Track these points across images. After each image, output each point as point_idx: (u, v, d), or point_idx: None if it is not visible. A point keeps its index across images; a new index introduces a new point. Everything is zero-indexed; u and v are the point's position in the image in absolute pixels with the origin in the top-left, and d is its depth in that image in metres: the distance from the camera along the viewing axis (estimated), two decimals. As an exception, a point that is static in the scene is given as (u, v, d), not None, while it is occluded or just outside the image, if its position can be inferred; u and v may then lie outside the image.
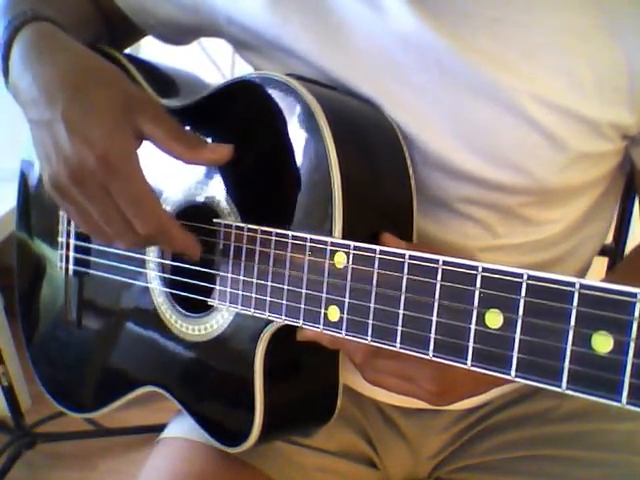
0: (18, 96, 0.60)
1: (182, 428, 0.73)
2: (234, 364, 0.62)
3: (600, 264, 0.94)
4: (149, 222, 0.54)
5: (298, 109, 0.56)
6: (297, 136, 0.56)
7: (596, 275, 0.82)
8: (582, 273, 0.76)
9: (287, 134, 0.57)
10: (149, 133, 0.56)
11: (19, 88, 0.59)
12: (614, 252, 0.96)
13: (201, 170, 0.65)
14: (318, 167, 0.54)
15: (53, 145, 0.54)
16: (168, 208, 0.67)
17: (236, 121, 0.63)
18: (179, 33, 0.78)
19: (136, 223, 0.54)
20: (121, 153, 0.53)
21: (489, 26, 0.59)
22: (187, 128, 0.67)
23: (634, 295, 0.35)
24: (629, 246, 0.96)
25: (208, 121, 0.66)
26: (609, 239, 0.95)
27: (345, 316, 0.51)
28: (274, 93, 0.58)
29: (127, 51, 0.85)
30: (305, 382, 0.66)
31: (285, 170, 0.57)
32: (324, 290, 0.52)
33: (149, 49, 1.05)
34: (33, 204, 0.86)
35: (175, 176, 0.66)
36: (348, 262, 0.50)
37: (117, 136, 0.53)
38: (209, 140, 0.65)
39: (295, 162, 0.56)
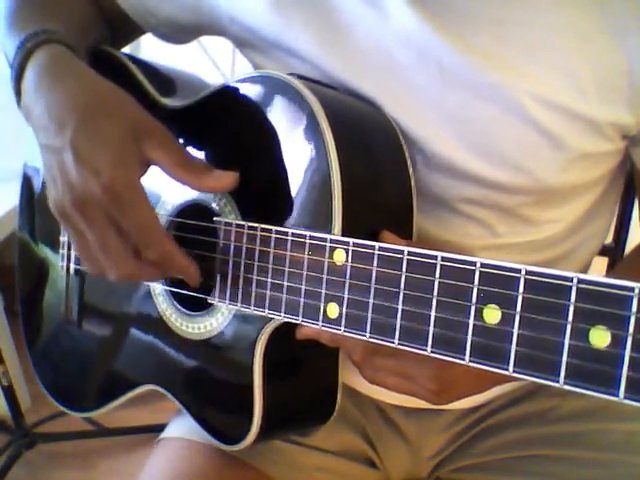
0: (30, 120, 0.61)
1: (182, 428, 0.73)
2: (233, 362, 0.62)
3: (600, 264, 0.94)
4: (155, 249, 0.56)
5: (299, 108, 0.56)
6: (298, 135, 0.56)
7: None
8: (582, 273, 0.76)
9: (288, 133, 0.57)
10: (155, 160, 0.56)
11: (32, 113, 0.60)
12: (614, 252, 0.96)
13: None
14: (318, 166, 0.55)
15: (60, 171, 0.56)
16: (169, 207, 0.67)
17: (237, 120, 0.63)
18: (180, 32, 0.78)
19: (143, 250, 0.55)
20: (126, 183, 0.54)
21: (489, 26, 0.59)
22: (190, 128, 0.67)
23: (631, 289, 0.36)
24: (629, 246, 0.96)
25: (210, 120, 0.66)
26: (609, 239, 0.95)
27: (344, 313, 0.51)
28: (275, 92, 0.59)
29: (127, 51, 0.86)
30: (304, 381, 0.66)
31: (286, 169, 0.57)
32: (323, 287, 0.52)
33: (149, 49, 1.05)
34: (35, 204, 0.86)
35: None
36: (347, 259, 0.50)
37: (123, 166, 0.54)
38: (211, 140, 0.66)
39: (296, 161, 0.57)
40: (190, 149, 0.66)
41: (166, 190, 0.68)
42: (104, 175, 0.53)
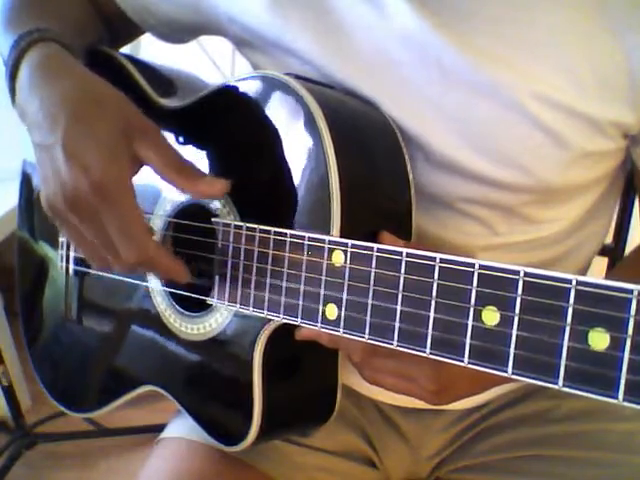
0: (24, 118, 0.61)
1: (182, 428, 0.73)
2: (233, 363, 0.62)
3: (600, 264, 0.94)
4: (136, 251, 0.55)
5: (297, 108, 0.56)
6: (296, 135, 0.56)
7: (596, 275, 0.82)
8: (582, 272, 0.76)
9: (286, 133, 0.57)
10: (146, 160, 0.56)
11: (26, 111, 0.60)
12: (614, 252, 0.96)
13: (201, 170, 0.65)
14: (316, 167, 0.54)
15: (52, 169, 0.55)
16: (168, 207, 0.67)
17: (235, 120, 0.63)
18: (179, 32, 0.78)
19: (123, 251, 0.55)
20: (115, 182, 0.54)
21: (489, 24, 0.59)
22: (188, 129, 0.67)
23: (630, 291, 0.35)
24: (629, 246, 0.96)
25: (208, 121, 0.66)
26: (609, 239, 0.95)
27: (343, 314, 0.51)
28: (273, 92, 0.59)
29: (127, 51, 0.86)
30: (304, 381, 0.66)
31: (284, 170, 0.57)
32: (322, 288, 0.52)
33: (149, 49, 1.05)
34: (34, 204, 0.86)
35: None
36: (346, 260, 0.50)
37: (113, 164, 0.54)
38: (209, 141, 0.66)
39: (294, 162, 0.56)
40: (188, 149, 0.66)
41: (165, 190, 0.68)
42: (93, 173, 0.53)
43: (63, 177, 0.54)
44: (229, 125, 0.64)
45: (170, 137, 0.68)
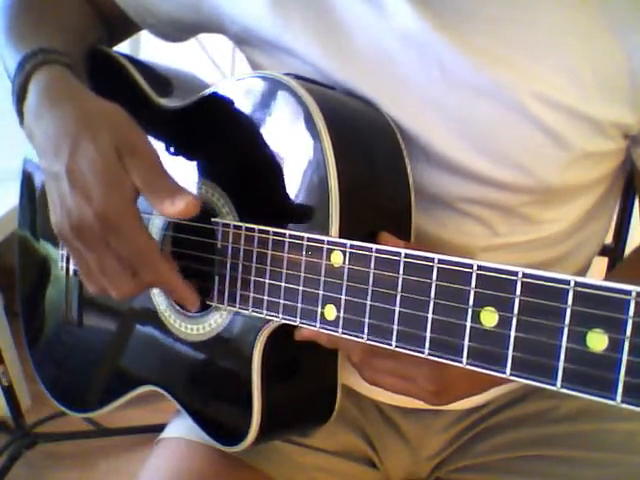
0: (32, 142, 0.62)
1: (182, 428, 0.73)
2: (232, 363, 0.62)
3: (600, 264, 0.94)
4: (150, 273, 0.56)
5: (296, 109, 0.56)
6: (295, 136, 0.56)
7: (596, 275, 0.82)
8: (582, 273, 0.76)
9: (285, 134, 0.57)
10: (132, 178, 0.55)
11: (34, 136, 0.61)
12: (614, 252, 0.96)
13: (200, 170, 0.65)
14: (316, 167, 0.54)
15: (58, 197, 0.56)
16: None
17: (234, 120, 0.63)
18: (179, 31, 0.78)
19: (139, 272, 0.56)
20: (119, 209, 0.54)
21: (490, 24, 0.59)
22: (186, 129, 0.68)
23: (628, 293, 0.35)
24: (629, 246, 0.96)
25: (207, 121, 0.66)
26: (609, 239, 0.95)
27: (342, 315, 0.51)
28: (272, 92, 0.58)
29: (127, 50, 0.85)
30: (304, 381, 0.66)
31: (283, 170, 0.57)
32: (321, 289, 0.52)
33: (149, 48, 1.05)
34: (34, 203, 0.86)
35: (175, 175, 0.66)
36: (345, 261, 0.50)
37: (114, 192, 0.54)
38: (208, 141, 0.66)
39: (293, 162, 0.56)
40: (187, 150, 0.66)
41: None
42: (96, 203, 0.53)
43: (69, 206, 0.55)
44: (228, 125, 0.64)
45: (169, 138, 0.68)
